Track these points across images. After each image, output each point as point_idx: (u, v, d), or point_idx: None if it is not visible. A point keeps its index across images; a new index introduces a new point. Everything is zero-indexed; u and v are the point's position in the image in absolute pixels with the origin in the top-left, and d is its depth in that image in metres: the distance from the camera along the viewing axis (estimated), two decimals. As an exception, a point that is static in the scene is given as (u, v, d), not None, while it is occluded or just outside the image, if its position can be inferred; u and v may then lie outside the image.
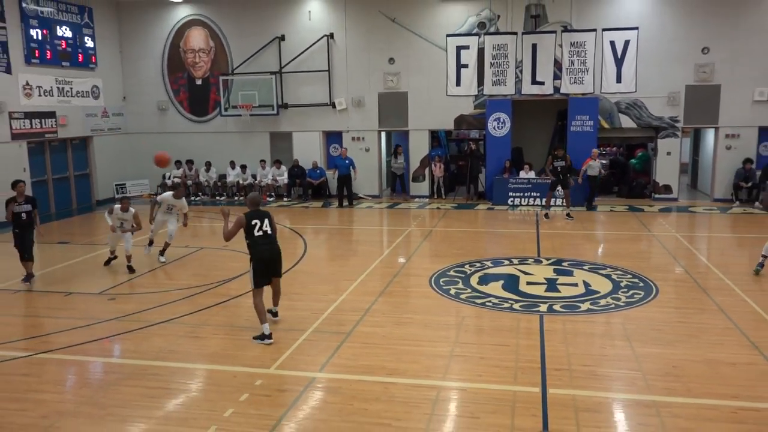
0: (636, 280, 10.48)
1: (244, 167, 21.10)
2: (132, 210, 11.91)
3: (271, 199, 20.64)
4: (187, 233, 14.82)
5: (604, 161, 20.38)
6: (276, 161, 21.11)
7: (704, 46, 18.33)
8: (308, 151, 21.05)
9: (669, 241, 13.74)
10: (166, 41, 21.86)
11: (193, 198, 21.08)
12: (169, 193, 12.81)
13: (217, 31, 21.40)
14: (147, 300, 10.04)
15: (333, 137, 21.25)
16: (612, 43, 18.53)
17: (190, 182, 21.37)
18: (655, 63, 18.46)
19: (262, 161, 21.20)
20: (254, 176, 21.06)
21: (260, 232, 8.05)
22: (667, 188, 19.09)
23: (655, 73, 18.51)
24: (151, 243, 12.76)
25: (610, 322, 8.64)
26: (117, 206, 11.98)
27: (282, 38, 20.75)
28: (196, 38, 21.63)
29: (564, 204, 16.85)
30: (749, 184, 18.13)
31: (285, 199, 20.65)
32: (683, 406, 6.19)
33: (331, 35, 20.44)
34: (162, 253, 12.62)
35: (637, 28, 18.31)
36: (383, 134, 21.06)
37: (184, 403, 6.54)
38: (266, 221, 8.12)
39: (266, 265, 8.14)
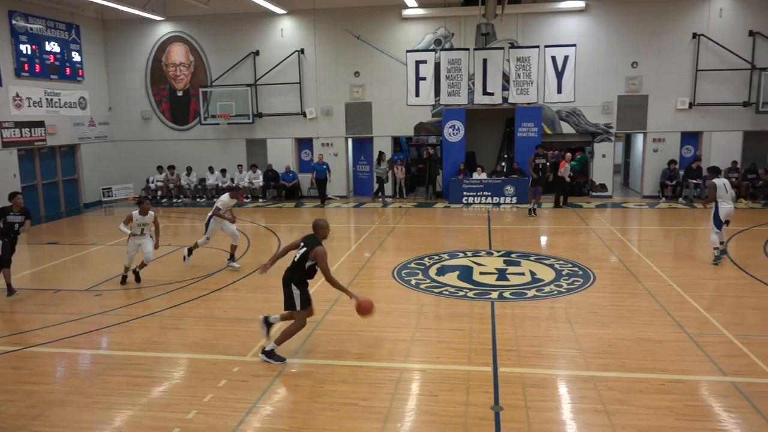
0: (576, 269, 10.62)
1: (223, 171, 20.81)
2: (152, 213, 10.42)
3: (248, 200, 20.39)
4: (170, 232, 14.52)
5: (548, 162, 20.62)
6: (252, 166, 20.86)
7: (633, 61, 18.70)
8: (281, 156, 20.85)
9: (605, 233, 13.96)
10: (149, 56, 21.38)
11: (174, 200, 20.75)
12: (226, 195, 11.14)
13: (196, 46, 21.02)
14: (131, 295, 9.79)
15: (304, 143, 21.07)
16: (553, 58, 18.75)
17: (172, 186, 20.99)
18: (591, 76, 18.76)
19: (239, 166, 20.92)
20: (232, 179, 20.78)
21: (296, 255, 6.84)
22: (603, 187, 19.44)
23: (591, 85, 18.81)
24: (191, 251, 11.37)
25: (553, 307, 8.73)
26: (135, 212, 10.24)
27: (257, 53, 20.49)
28: (177, 53, 21.21)
29: (534, 200, 16.76)
30: (673, 183, 18.57)
31: (260, 200, 20.41)
32: (617, 380, 6.28)
33: (302, 51, 20.26)
34: (232, 258, 11.30)
35: (575, 45, 18.56)
36: (350, 141, 20.96)
37: (166, 389, 6.39)
38: (303, 251, 6.73)
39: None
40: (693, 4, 18.24)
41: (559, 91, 18.76)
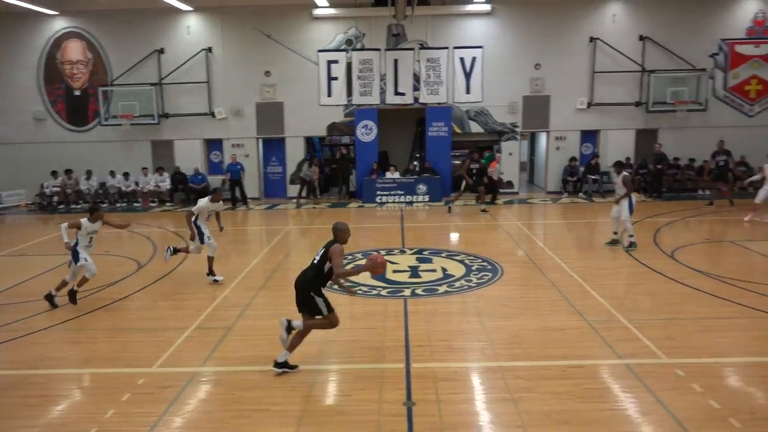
0: (485, 264, 10.97)
1: (126, 174, 19.87)
2: (100, 221, 9.18)
3: (154, 204, 19.60)
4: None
5: (457, 162, 21.20)
6: (158, 168, 20.05)
7: (536, 63, 19.56)
8: (189, 157, 20.15)
9: (512, 228, 14.52)
10: (42, 52, 20.06)
11: (73, 205, 19.59)
12: (206, 200, 10.40)
13: (95, 43, 19.94)
14: (29, 308, 9.14)
15: (214, 145, 20.49)
16: (462, 60, 19.33)
17: (69, 191, 19.79)
18: (497, 76, 19.44)
19: (144, 168, 20.06)
20: (137, 183, 19.89)
21: (314, 258, 6.72)
22: (510, 184, 20.21)
23: (498, 85, 19.49)
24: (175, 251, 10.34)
25: (464, 302, 8.97)
26: (84, 219, 9.02)
27: (161, 51, 19.71)
28: (74, 50, 20.03)
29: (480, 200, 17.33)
30: (575, 179, 19.61)
31: (168, 204, 19.66)
32: (524, 369, 6.56)
33: (210, 49, 19.70)
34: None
35: (482, 47, 19.21)
36: (261, 141, 20.59)
37: (64, 408, 6.02)
38: (321, 252, 6.61)
39: (295, 291, 6.69)
40: (590, 10, 19.32)
41: (468, 91, 19.38)
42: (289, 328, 6.70)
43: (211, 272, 10.21)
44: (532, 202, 18.65)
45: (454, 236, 14.43)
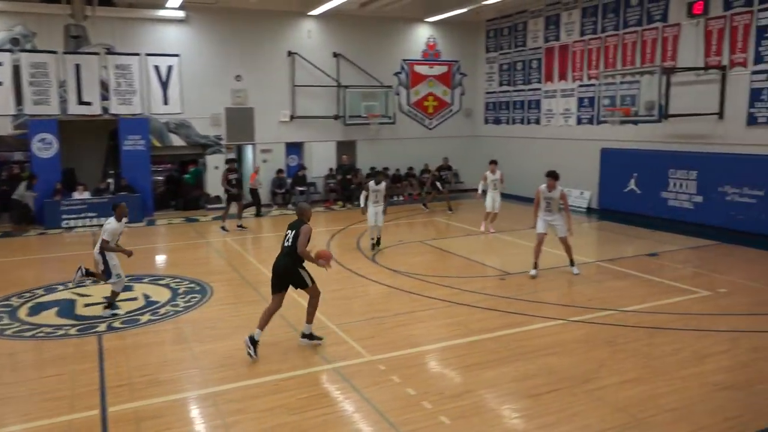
0: (193, 285, 10.61)
1: None
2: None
3: None
4: None
5: (160, 177, 20.24)
6: None
7: (237, 74, 19.71)
8: None
9: (221, 245, 14.34)
10: None
11: None
12: (371, 182, 13.01)
13: None
14: None
15: None
16: (156, 68, 18.52)
17: None
18: (197, 87, 19.04)
19: None
20: None
21: (285, 242, 7.68)
22: (218, 199, 19.89)
23: (199, 96, 19.11)
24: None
25: (169, 329, 8.52)
26: (111, 219, 9.08)
27: None
28: None
29: (235, 216, 16.32)
30: (283, 190, 20.28)
31: None
32: (236, 390, 6.48)
33: None
34: None
35: (179, 55, 18.65)
36: None
37: None
38: (293, 233, 7.55)
39: (273, 275, 7.59)
40: (287, 24, 20.21)
41: (166, 102, 18.67)
42: (253, 341, 7.26)
43: None
44: (245, 216, 18.63)
45: (160, 258, 13.65)
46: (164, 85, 18.64)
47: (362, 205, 13.42)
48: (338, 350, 7.53)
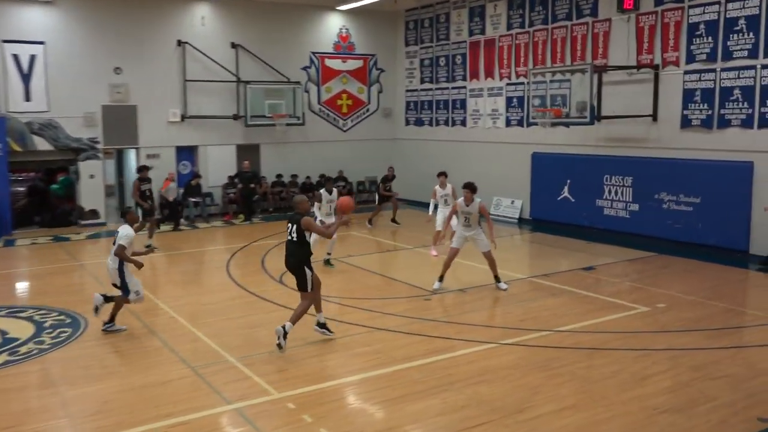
0: (63, 317, 10.06)
1: None
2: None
3: None
4: None
5: (21, 188, 19.24)
6: None
7: (117, 66, 19.01)
8: None
9: (100, 268, 13.65)
10: None
11: None
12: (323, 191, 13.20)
13: None
14: None
15: None
16: (16, 57, 17.72)
17: None
18: (68, 81, 18.24)
19: None
20: None
21: (288, 237, 8.48)
22: (94, 213, 19.01)
23: (69, 92, 18.31)
24: None
25: (33, 371, 8.02)
26: (125, 227, 9.51)
27: None
28: None
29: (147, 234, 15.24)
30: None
31: None
32: (116, 443, 6.19)
33: None
34: None
35: (44, 43, 17.84)
36: None
37: None
38: (294, 227, 8.29)
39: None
40: (176, 9, 19.75)
41: (28, 98, 17.92)
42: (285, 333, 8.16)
43: None
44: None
45: (21, 286, 12.89)
46: (26, 77, 17.76)
47: (319, 218, 13.06)
48: (240, 387, 7.34)
